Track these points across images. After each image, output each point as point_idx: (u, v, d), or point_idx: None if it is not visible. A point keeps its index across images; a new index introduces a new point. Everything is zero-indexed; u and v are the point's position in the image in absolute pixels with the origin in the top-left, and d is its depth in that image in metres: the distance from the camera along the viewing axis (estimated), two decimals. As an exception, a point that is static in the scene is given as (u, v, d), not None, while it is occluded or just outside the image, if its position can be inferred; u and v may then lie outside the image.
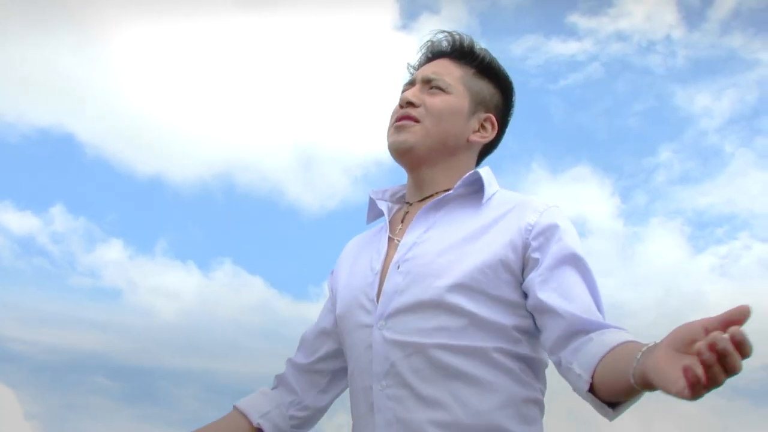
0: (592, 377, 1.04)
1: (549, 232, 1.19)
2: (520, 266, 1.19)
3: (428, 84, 1.33)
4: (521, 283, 1.19)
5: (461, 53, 1.37)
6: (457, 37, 1.37)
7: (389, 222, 1.33)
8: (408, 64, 1.44)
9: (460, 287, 1.15)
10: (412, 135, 1.29)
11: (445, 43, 1.38)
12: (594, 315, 1.12)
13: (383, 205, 1.36)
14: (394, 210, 1.37)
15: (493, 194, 1.28)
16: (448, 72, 1.34)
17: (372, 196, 1.38)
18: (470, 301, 1.15)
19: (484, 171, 1.30)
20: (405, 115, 1.31)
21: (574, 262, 1.18)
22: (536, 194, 1.28)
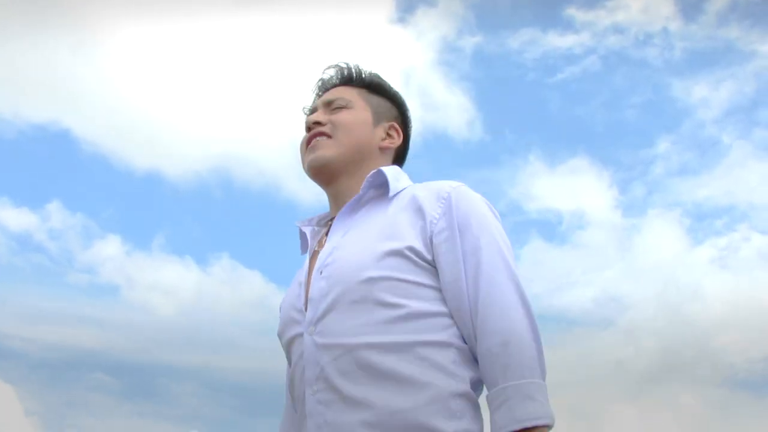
0: None
1: (453, 219, 1.24)
2: (431, 254, 1.22)
3: (330, 105, 1.42)
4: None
5: (351, 79, 1.47)
6: (344, 65, 1.48)
7: (314, 243, 1.39)
8: (303, 108, 1.52)
9: (379, 279, 1.19)
10: (327, 149, 1.37)
11: (335, 76, 1.48)
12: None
13: (307, 230, 1.43)
14: (322, 233, 1.42)
15: (402, 190, 1.33)
16: (346, 93, 1.44)
17: (298, 225, 1.45)
18: (391, 292, 1.19)
19: (389, 169, 1.36)
20: (315, 133, 1.39)
21: (483, 238, 1.22)
22: (534, 187, 1.29)
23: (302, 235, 1.44)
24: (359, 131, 1.39)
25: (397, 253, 1.21)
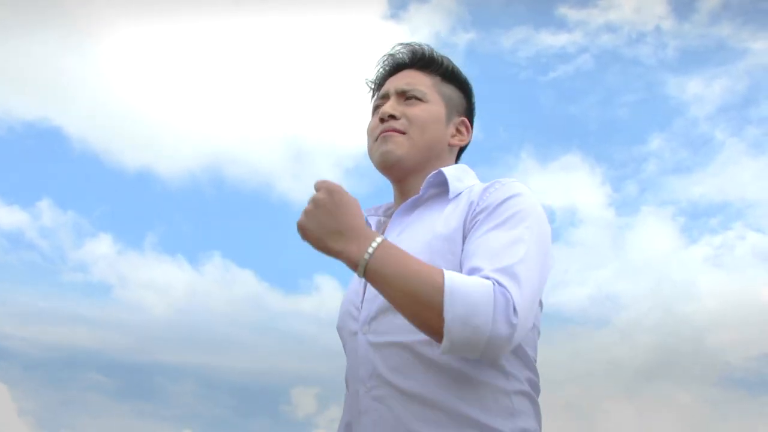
0: None
1: (492, 202, 1.19)
2: (463, 233, 1.19)
3: (403, 95, 1.36)
4: None
5: (425, 63, 1.40)
6: (418, 47, 1.40)
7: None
8: (366, 80, 1.46)
9: None
10: (400, 146, 1.32)
11: (407, 56, 1.41)
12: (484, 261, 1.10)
13: (373, 220, 1.40)
14: (385, 223, 1.39)
15: (465, 190, 1.29)
16: (421, 81, 1.37)
17: (365, 214, 1.37)
18: None
19: (451, 168, 1.32)
20: (389, 128, 1.33)
21: (514, 218, 1.16)
22: (526, 184, 1.26)
23: (367, 224, 1.39)
24: (433, 129, 1.34)
25: (443, 250, 1.18)
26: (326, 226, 1.10)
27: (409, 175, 1.34)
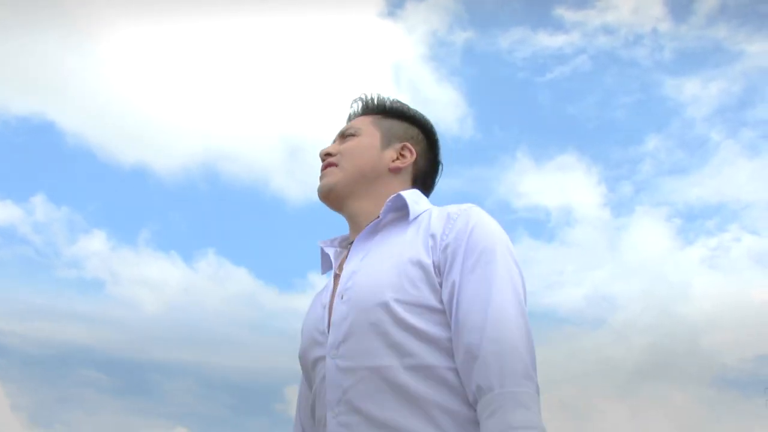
0: None
1: (459, 236, 1.24)
2: (437, 273, 1.23)
3: (343, 137, 1.48)
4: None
5: (370, 107, 1.52)
6: (366, 97, 1.53)
7: (338, 265, 1.40)
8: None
9: (396, 302, 1.19)
10: (332, 177, 1.42)
11: (357, 107, 1.54)
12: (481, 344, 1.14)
13: (330, 251, 1.45)
14: (344, 254, 1.42)
15: (422, 212, 1.34)
16: (360, 122, 1.49)
17: (321, 245, 1.48)
18: (409, 315, 1.19)
19: (409, 192, 1.38)
20: (325, 165, 1.45)
21: (485, 257, 1.22)
22: (522, 183, 1.27)
23: (323, 255, 1.47)
24: (363, 156, 1.43)
25: (411, 274, 1.22)
26: None
27: (348, 200, 1.42)
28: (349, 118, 1.54)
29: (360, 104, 1.53)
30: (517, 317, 1.15)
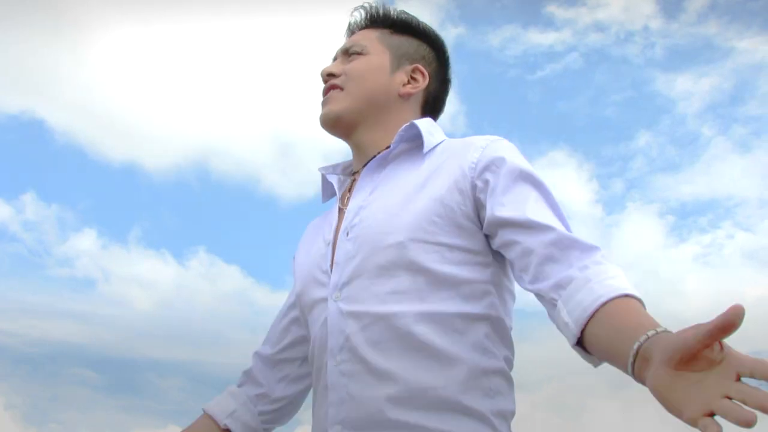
0: (582, 331, 0.95)
1: (494, 164, 1.14)
2: (473, 209, 1.13)
3: (347, 54, 1.33)
4: (480, 228, 1.13)
5: (376, 20, 1.36)
6: (370, 7, 1.37)
7: (340, 195, 1.30)
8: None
9: (411, 242, 1.10)
10: (338, 103, 1.28)
11: (360, 17, 1.38)
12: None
13: (333, 179, 1.32)
14: (347, 183, 1.32)
15: (438, 144, 1.24)
16: (365, 37, 1.34)
17: (322, 172, 1.35)
18: (425, 255, 1.10)
19: (423, 122, 1.26)
20: (328, 86, 1.30)
21: (530, 180, 1.13)
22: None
23: (325, 182, 1.35)
24: (372, 79, 1.29)
25: (429, 212, 1.11)
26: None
27: (357, 128, 1.29)
28: (350, 31, 1.39)
29: (363, 14, 1.37)
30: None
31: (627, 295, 0.94)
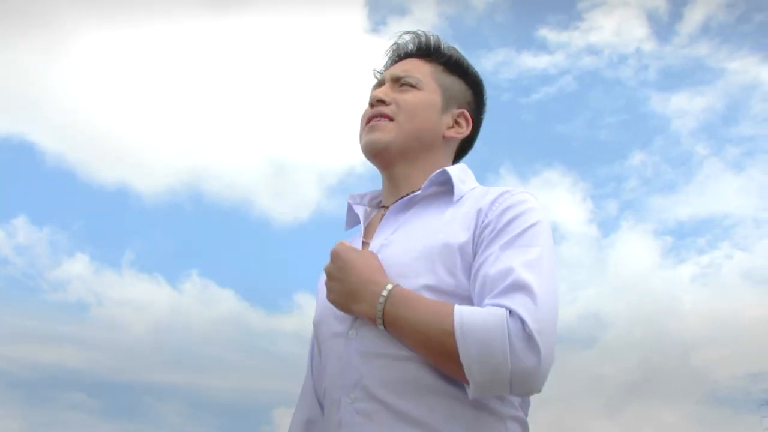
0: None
1: (503, 209, 1.14)
2: (473, 249, 1.13)
3: (398, 82, 1.32)
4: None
5: (428, 51, 1.35)
6: (423, 36, 1.36)
7: (365, 227, 1.30)
8: (374, 69, 1.41)
9: (428, 289, 1.10)
10: (386, 133, 1.27)
11: (411, 44, 1.37)
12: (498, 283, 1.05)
13: (360, 210, 1.33)
14: (372, 214, 1.33)
15: (469, 191, 1.24)
16: (417, 69, 1.33)
17: (349, 201, 1.35)
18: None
19: (455, 168, 1.27)
20: (377, 113, 1.29)
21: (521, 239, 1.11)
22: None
23: (350, 211, 1.35)
24: (424, 116, 1.28)
25: (448, 260, 1.12)
26: (340, 292, 1.13)
27: (397, 163, 1.28)
28: (396, 55, 1.38)
29: (417, 41, 1.36)
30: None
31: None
